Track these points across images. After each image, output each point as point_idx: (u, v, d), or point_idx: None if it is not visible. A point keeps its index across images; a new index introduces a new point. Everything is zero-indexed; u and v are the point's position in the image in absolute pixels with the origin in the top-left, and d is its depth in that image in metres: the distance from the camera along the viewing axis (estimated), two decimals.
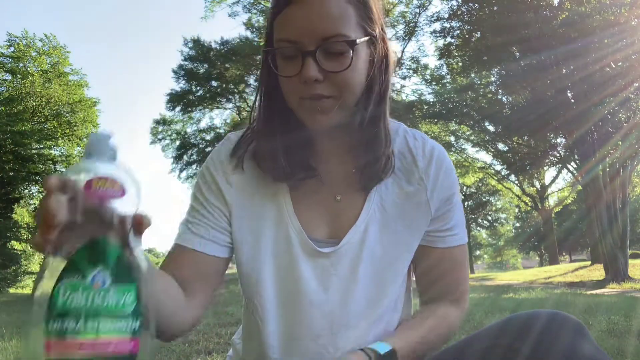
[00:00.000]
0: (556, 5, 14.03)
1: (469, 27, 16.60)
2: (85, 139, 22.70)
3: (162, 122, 25.44)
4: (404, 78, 23.34)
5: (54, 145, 22.18)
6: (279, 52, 0.76)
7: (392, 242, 0.84)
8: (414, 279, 0.95)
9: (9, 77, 21.29)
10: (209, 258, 0.84)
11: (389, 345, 0.77)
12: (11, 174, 19.98)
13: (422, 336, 0.83)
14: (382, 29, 0.79)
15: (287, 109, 0.81)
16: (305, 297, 0.83)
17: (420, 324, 0.85)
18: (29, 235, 22.36)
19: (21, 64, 21.13)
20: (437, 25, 17.96)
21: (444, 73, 21.55)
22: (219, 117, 26.80)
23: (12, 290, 17.86)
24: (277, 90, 0.80)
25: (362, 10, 0.75)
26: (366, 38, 0.76)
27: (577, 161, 15.56)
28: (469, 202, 39.01)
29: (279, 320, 0.85)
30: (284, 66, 0.76)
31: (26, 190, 22.16)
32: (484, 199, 38.34)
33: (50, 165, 21.62)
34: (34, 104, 21.28)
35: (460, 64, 18.59)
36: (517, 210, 40.58)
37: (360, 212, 0.84)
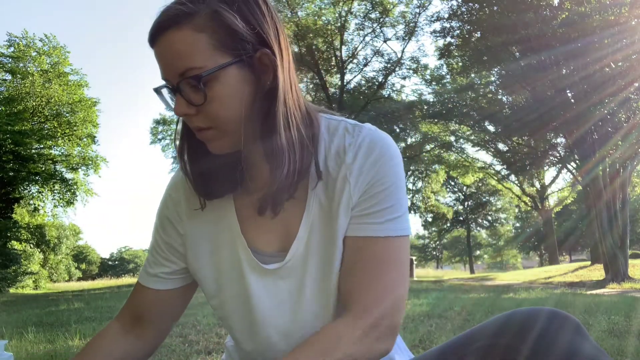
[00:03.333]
0: (556, 5, 14.03)
1: (469, 27, 16.61)
2: (85, 139, 22.72)
3: (162, 122, 25.47)
4: (404, 78, 23.40)
5: (54, 145, 22.18)
6: (166, 89, 0.78)
7: (328, 245, 0.81)
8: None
9: (9, 77, 21.30)
10: (161, 293, 0.92)
11: None
12: (11, 174, 19.98)
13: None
14: (265, 43, 0.74)
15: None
16: (260, 316, 0.83)
17: (310, 347, 0.72)
18: (29, 236, 22.40)
19: (21, 64, 21.13)
20: (437, 25, 17.98)
21: (444, 73, 21.58)
22: None
23: (12, 290, 17.87)
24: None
25: (219, 34, 0.71)
26: (228, 61, 0.71)
27: (577, 161, 15.56)
28: (469, 202, 39.05)
29: (249, 341, 0.87)
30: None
31: (26, 190, 22.17)
32: (484, 199, 38.37)
33: (50, 165, 21.62)
34: (34, 104, 21.29)
35: (460, 64, 18.61)
36: (517, 210, 40.62)
37: (300, 221, 0.81)
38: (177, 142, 0.84)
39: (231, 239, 0.84)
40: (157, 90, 0.78)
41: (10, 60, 21.01)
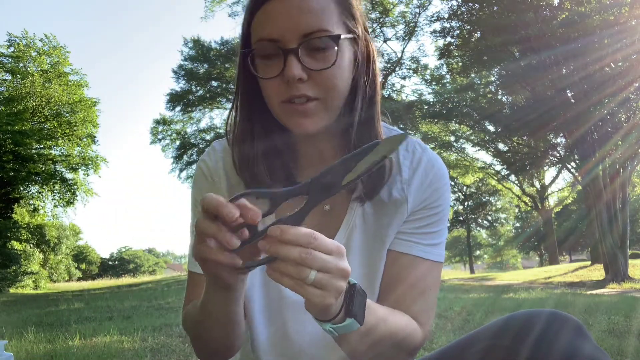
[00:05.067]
0: (556, 5, 14.03)
1: (469, 27, 16.61)
2: (85, 139, 22.72)
3: (162, 122, 25.43)
4: (404, 78, 23.37)
5: (54, 145, 22.18)
6: (258, 52, 0.72)
7: (371, 252, 0.82)
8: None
9: (9, 77, 21.31)
10: None
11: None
12: (11, 174, 19.98)
13: (387, 316, 0.74)
14: (365, 29, 0.77)
15: (267, 113, 0.77)
16: (288, 303, 0.83)
17: (390, 310, 0.77)
18: (29, 236, 22.38)
19: (21, 64, 21.13)
20: (437, 25, 17.97)
21: (444, 73, 21.56)
22: (219, 117, 26.76)
23: (12, 290, 17.87)
24: (256, 94, 0.77)
25: (344, 7, 0.72)
26: (350, 35, 0.73)
27: (577, 161, 15.56)
28: (469, 202, 39.02)
29: (268, 325, 0.86)
30: (264, 68, 0.72)
31: (26, 190, 22.17)
32: (484, 199, 38.33)
33: (50, 165, 21.62)
34: (34, 104, 21.29)
35: (460, 64, 18.59)
36: (517, 210, 40.59)
37: (341, 223, 0.81)
38: (241, 120, 0.79)
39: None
40: (250, 55, 0.73)
41: (10, 60, 21.03)
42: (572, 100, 13.72)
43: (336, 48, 0.70)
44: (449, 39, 17.35)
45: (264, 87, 0.74)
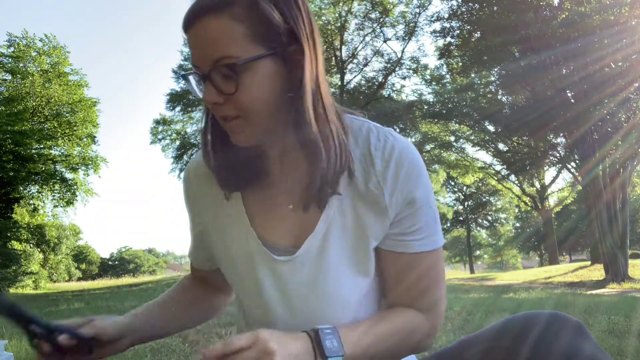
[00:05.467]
0: (556, 5, 14.04)
1: (469, 27, 16.62)
2: (85, 139, 22.72)
3: (162, 122, 25.44)
4: (404, 78, 23.37)
5: (54, 145, 22.19)
6: (195, 75, 0.77)
7: (354, 247, 0.82)
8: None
9: (9, 77, 21.31)
10: (210, 271, 1.00)
11: (329, 325, 0.75)
12: (11, 174, 19.98)
13: (374, 325, 0.79)
14: (297, 38, 0.74)
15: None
16: (268, 308, 0.84)
17: (376, 319, 0.81)
18: (29, 236, 22.39)
19: (21, 64, 21.14)
20: (437, 25, 17.97)
21: (444, 73, 21.56)
22: None
23: (12, 290, 17.87)
24: None
25: (256, 25, 0.71)
26: (260, 54, 0.72)
27: (577, 161, 15.56)
28: (469, 202, 39.04)
29: (255, 324, 0.88)
30: (202, 89, 0.77)
31: (26, 190, 22.17)
32: (484, 199, 38.35)
33: (50, 165, 21.63)
34: (34, 104, 21.29)
35: (460, 64, 18.60)
36: (517, 210, 40.60)
37: (319, 218, 0.81)
38: (202, 134, 0.84)
39: (242, 233, 0.86)
40: (185, 77, 0.78)
41: (10, 60, 21.03)
42: (572, 100, 13.72)
43: (236, 74, 0.71)
44: (449, 39, 17.37)
45: None
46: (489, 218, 41.31)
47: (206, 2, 0.71)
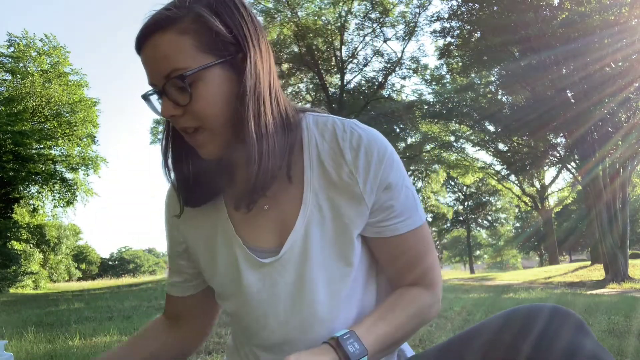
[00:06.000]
0: (556, 5, 14.04)
1: (469, 27, 16.62)
2: (85, 139, 22.71)
3: (162, 122, 25.46)
4: (404, 78, 23.38)
5: (54, 145, 22.17)
6: (153, 95, 0.80)
7: (335, 239, 0.83)
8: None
9: (9, 77, 21.29)
10: (187, 299, 0.99)
11: (345, 329, 0.78)
12: (11, 174, 19.97)
13: (384, 315, 0.82)
14: (244, 44, 0.76)
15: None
16: (258, 310, 0.85)
17: (384, 308, 0.84)
18: (29, 236, 22.39)
19: (21, 64, 21.12)
20: (437, 25, 17.98)
21: (444, 73, 21.55)
22: None
23: (12, 290, 17.87)
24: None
25: (202, 36, 0.74)
26: (208, 63, 0.74)
27: (577, 161, 15.56)
28: (469, 202, 39.04)
29: (251, 333, 0.89)
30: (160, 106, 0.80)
31: (26, 190, 22.16)
32: (484, 199, 38.35)
33: (50, 165, 21.62)
34: (34, 104, 21.28)
35: (460, 64, 18.60)
36: (517, 210, 40.60)
37: (297, 216, 0.83)
38: (163, 152, 0.86)
39: (227, 241, 0.87)
40: (146, 97, 0.81)
41: (10, 60, 21.01)
42: (572, 100, 13.72)
43: (188, 84, 0.74)
44: (449, 39, 17.37)
45: None
46: (489, 218, 41.34)
47: (152, 22, 0.74)
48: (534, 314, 0.73)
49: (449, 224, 41.64)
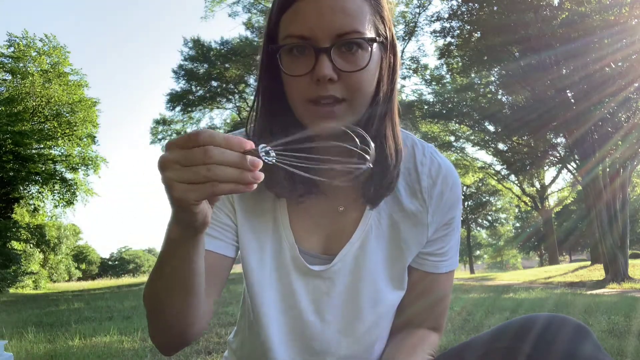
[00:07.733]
0: (556, 5, 14.03)
1: (469, 27, 16.60)
2: (85, 139, 22.71)
3: (162, 122, 25.44)
4: (404, 78, 23.35)
5: (54, 145, 22.17)
6: (287, 49, 0.69)
7: (389, 260, 0.80)
8: None
9: (9, 77, 21.29)
10: (217, 256, 0.82)
11: None
12: (11, 174, 19.97)
13: None
14: (392, 33, 0.76)
15: (288, 111, 0.74)
16: (301, 317, 0.82)
17: (409, 352, 0.81)
18: (29, 236, 22.36)
19: (21, 64, 21.11)
20: (437, 25, 17.95)
21: (444, 73, 21.55)
22: (219, 117, 26.79)
23: (12, 290, 17.85)
24: (278, 92, 0.74)
25: (376, 9, 0.71)
26: (380, 39, 0.72)
27: (577, 161, 15.55)
28: (469, 202, 39.01)
29: (281, 333, 0.84)
30: (291, 65, 0.70)
31: (26, 190, 22.15)
32: (484, 199, 38.32)
33: (50, 165, 21.61)
34: (34, 104, 21.28)
35: (460, 64, 18.58)
36: (517, 210, 40.59)
37: (356, 227, 0.79)
38: (261, 118, 0.77)
39: (275, 234, 0.81)
40: (289, 50, 0.70)
41: (10, 60, 21.01)
42: (572, 100, 13.71)
43: (370, 50, 0.69)
44: (449, 39, 17.35)
45: (288, 85, 0.72)
46: (489, 218, 41.30)
47: None
48: (531, 322, 0.72)
49: None
